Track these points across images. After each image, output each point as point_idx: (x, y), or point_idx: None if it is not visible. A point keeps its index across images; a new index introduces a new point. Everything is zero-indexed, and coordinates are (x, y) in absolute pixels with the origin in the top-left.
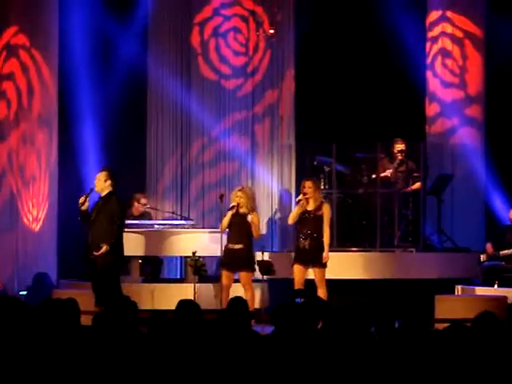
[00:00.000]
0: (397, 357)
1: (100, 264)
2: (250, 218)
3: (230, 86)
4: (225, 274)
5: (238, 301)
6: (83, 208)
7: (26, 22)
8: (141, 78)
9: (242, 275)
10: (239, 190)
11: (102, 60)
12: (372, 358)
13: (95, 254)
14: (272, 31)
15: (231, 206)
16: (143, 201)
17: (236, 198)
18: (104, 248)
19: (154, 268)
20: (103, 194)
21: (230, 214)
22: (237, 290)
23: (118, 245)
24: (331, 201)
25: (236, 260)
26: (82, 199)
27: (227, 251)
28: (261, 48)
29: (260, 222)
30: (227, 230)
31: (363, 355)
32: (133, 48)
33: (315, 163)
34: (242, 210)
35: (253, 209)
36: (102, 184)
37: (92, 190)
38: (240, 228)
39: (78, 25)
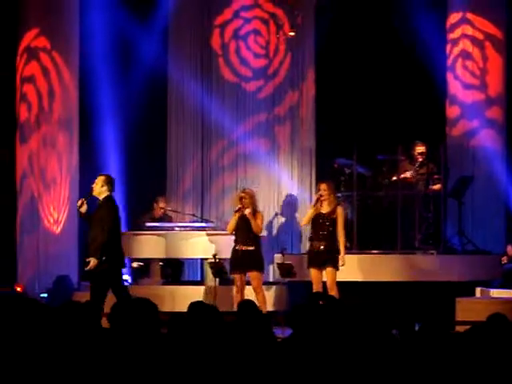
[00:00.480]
0: (418, 359)
1: (96, 272)
2: (247, 211)
3: (250, 88)
4: (237, 277)
5: (248, 304)
6: (81, 210)
7: (46, 25)
8: (161, 80)
9: (252, 276)
10: (242, 192)
11: (122, 62)
12: (393, 360)
13: (85, 269)
14: (292, 33)
15: (237, 208)
16: (161, 204)
17: (240, 200)
18: (91, 263)
19: (174, 270)
20: (101, 197)
21: (236, 216)
22: (252, 293)
23: (110, 252)
24: (352, 203)
25: (245, 261)
26: (79, 202)
27: (236, 253)
28: (281, 50)
29: (263, 222)
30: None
31: (384, 357)
32: (153, 50)
33: (335, 165)
34: (247, 211)
35: (257, 207)
36: (98, 188)
37: (89, 193)
38: (247, 230)
39: (98, 27)
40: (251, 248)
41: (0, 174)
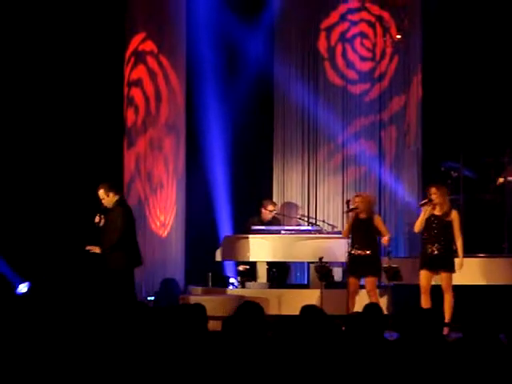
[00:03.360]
0: None
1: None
2: (386, 239)
3: (356, 91)
4: (351, 281)
5: (373, 307)
6: (100, 225)
7: (153, 29)
8: (267, 82)
9: (368, 281)
10: (356, 196)
11: (228, 65)
12: (499, 364)
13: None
14: (399, 36)
15: (350, 208)
16: (270, 207)
17: (355, 203)
18: (95, 249)
19: (280, 273)
20: (112, 206)
21: (350, 219)
22: (363, 297)
23: (125, 250)
24: (458, 206)
25: (362, 266)
26: (97, 219)
27: (353, 257)
28: (388, 53)
29: (384, 225)
30: (350, 235)
31: (492, 362)
32: (259, 53)
33: (442, 169)
34: (362, 216)
35: (373, 213)
36: (106, 200)
37: (104, 208)
38: (364, 234)
39: (204, 30)
40: (368, 252)
41: (108, 178)
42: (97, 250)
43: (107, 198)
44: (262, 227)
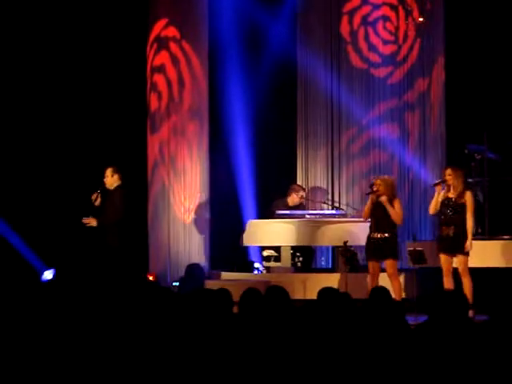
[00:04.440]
0: None
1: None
2: (383, 198)
3: (379, 75)
4: (371, 264)
5: (380, 291)
6: (96, 204)
7: (176, 15)
8: (290, 67)
9: (388, 264)
10: (378, 179)
11: (251, 50)
12: None
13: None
14: (421, 19)
15: (370, 190)
16: (301, 193)
17: (375, 186)
18: (92, 222)
19: (305, 258)
20: (112, 188)
21: (369, 201)
22: (385, 280)
23: (123, 233)
24: (483, 189)
25: (381, 249)
26: (94, 196)
27: (371, 240)
28: (410, 36)
29: (401, 210)
30: (369, 219)
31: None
32: (282, 37)
33: (466, 151)
34: (382, 199)
35: (394, 196)
36: (110, 179)
37: (102, 186)
38: (383, 217)
39: (226, 15)
40: (386, 235)
41: (132, 164)
42: (93, 223)
43: (111, 178)
44: (287, 211)
